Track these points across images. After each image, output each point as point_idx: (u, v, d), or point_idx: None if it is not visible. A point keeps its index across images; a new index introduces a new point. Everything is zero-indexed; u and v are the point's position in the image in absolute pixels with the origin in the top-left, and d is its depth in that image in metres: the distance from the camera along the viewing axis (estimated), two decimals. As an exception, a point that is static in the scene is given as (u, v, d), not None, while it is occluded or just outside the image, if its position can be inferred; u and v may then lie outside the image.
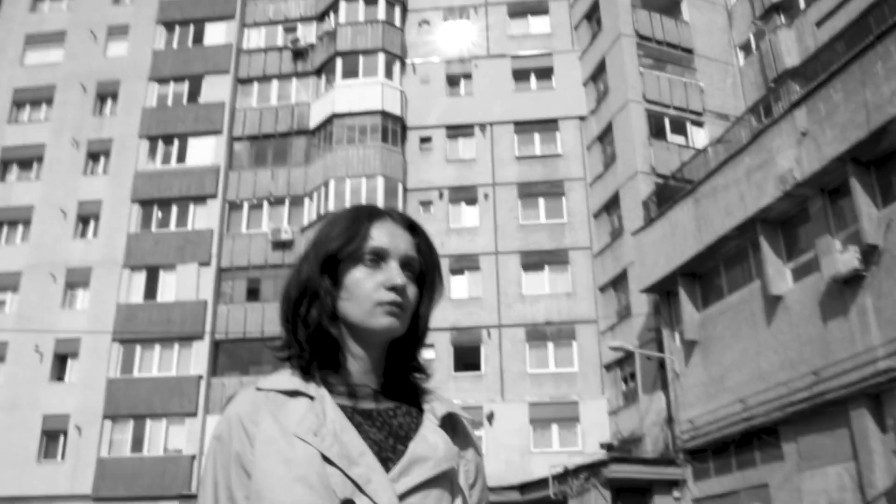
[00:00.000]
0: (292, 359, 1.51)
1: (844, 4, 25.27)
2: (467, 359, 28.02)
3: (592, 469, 20.74)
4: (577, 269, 28.28)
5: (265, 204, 31.33)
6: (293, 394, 1.44)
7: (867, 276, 15.85)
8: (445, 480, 1.43)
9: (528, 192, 29.71)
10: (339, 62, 31.63)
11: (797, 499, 17.31)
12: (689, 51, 29.17)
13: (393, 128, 30.69)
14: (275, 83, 33.35)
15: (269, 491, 1.33)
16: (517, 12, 32.94)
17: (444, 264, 28.95)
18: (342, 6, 32.71)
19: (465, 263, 29.04)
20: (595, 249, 28.36)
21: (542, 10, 32.77)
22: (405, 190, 30.01)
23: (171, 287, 30.39)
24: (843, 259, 15.98)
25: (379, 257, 1.48)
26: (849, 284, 16.26)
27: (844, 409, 16.18)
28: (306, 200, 30.75)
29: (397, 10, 32.90)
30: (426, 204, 30.07)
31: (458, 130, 31.22)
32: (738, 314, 19.57)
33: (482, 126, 30.97)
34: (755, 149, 18.73)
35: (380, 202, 28.98)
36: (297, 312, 1.49)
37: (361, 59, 31.54)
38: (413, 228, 1.57)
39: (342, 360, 1.49)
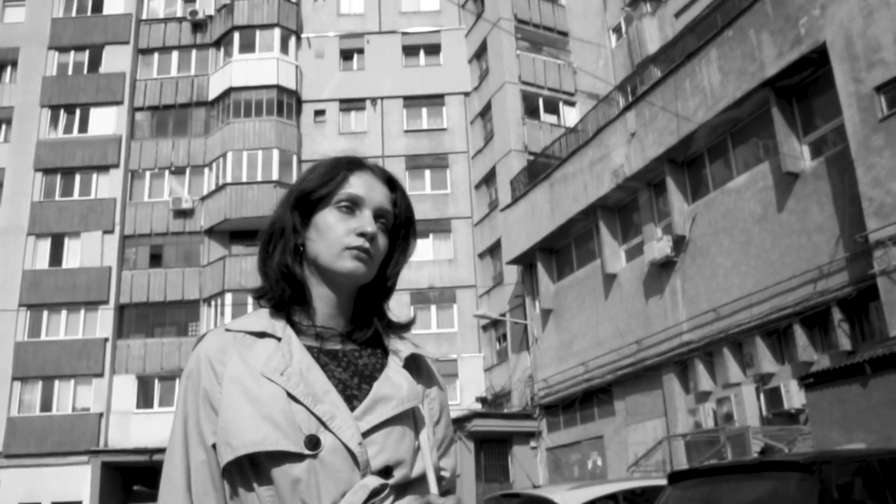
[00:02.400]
0: (264, 299, 1.54)
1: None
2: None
3: (459, 423, 23.37)
4: (458, 238, 30.67)
5: (166, 173, 32.68)
6: (261, 335, 1.47)
7: (677, 261, 18.56)
8: (408, 418, 1.48)
9: (415, 164, 31.81)
10: (236, 36, 32.88)
11: (623, 448, 20.23)
12: (565, 34, 31.39)
13: (288, 101, 32.27)
14: (175, 54, 34.35)
15: (236, 427, 1.36)
16: (408, -11, 34.63)
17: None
18: (240, -21, 33.81)
19: (356, 231, 31.08)
20: (475, 219, 30.76)
21: (432, -12, 34.52)
22: (300, 161, 31.73)
23: (76, 254, 31.68)
24: (659, 246, 18.62)
25: (354, 204, 1.51)
26: (664, 268, 18.96)
27: (659, 373, 19.01)
28: (206, 171, 32.22)
29: (293, -15, 34.20)
30: (320, 175, 31.87)
31: (350, 104, 33.00)
32: (583, 288, 22.22)
33: (373, 100, 32.81)
34: (596, 144, 21.18)
35: (275, 174, 30.77)
36: (266, 251, 1.54)
37: (258, 33, 32.83)
38: (392, 184, 1.60)
39: (310, 300, 1.51)
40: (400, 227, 1.59)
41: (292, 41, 33.37)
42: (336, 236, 1.48)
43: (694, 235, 18.18)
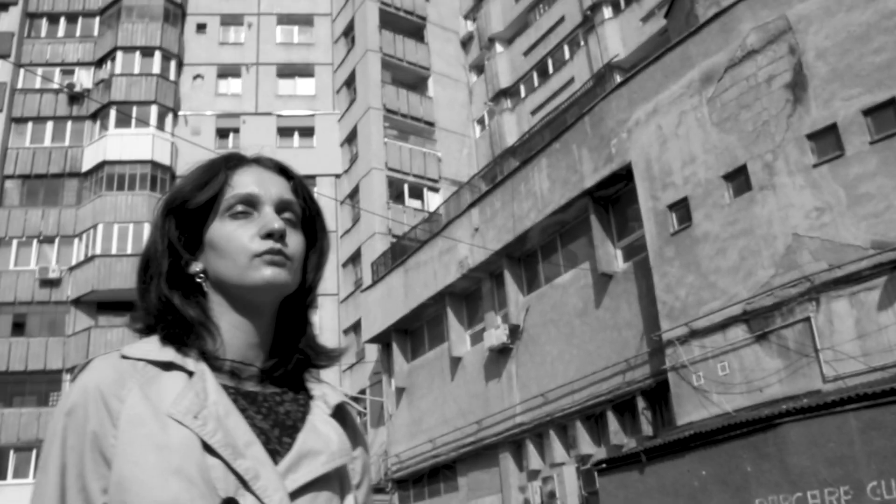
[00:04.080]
0: (158, 327, 1.24)
1: (551, 99, 30.18)
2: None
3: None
4: (324, 313, 31.74)
5: (34, 242, 32.72)
6: (167, 365, 1.18)
7: (513, 348, 20.18)
8: (335, 479, 1.24)
9: (286, 241, 32.80)
10: (112, 111, 33.52)
11: (464, 523, 21.48)
12: (431, 123, 33.36)
13: (162, 177, 32.99)
14: (49, 124, 34.70)
15: (136, 484, 1.08)
16: (286, 73, 36.10)
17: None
18: (119, 56, 34.60)
19: (225, 306, 31.79)
20: (341, 296, 31.94)
21: (308, 73, 36.08)
22: (172, 235, 32.27)
23: (-66, 321, 31.22)
24: (497, 333, 20.22)
25: (249, 206, 1.26)
26: (501, 353, 20.56)
27: (496, 452, 20.44)
28: (76, 241, 32.45)
29: (173, 64, 35.17)
30: (191, 249, 32.53)
31: (224, 181, 33.85)
32: (433, 368, 23.62)
33: (247, 178, 33.77)
34: (446, 235, 22.84)
35: (145, 247, 31.20)
36: (143, 280, 1.28)
37: (135, 109, 33.58)
38: (286, 172, 1.36)
39: (215, 331, 1.24)
40: (310, 219, 1.36)
41: (169, 118, 34.23)
42: (238, 246, 1.23)
43: (527, 325, 19.87)
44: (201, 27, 36.70)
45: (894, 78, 12.60)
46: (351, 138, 33.56)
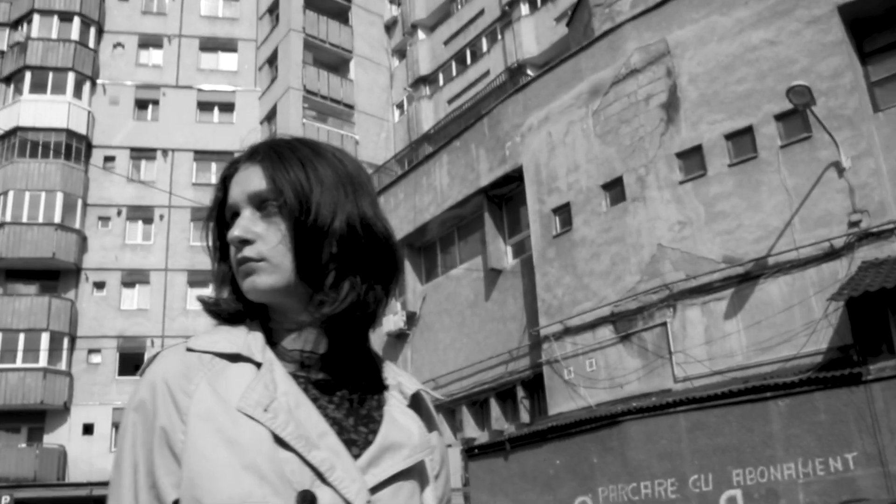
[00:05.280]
0: (223, 314, 1.24)
1: (468, 90, 31.02)
2: (133, 364, 31.06)
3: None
4: (237, 290, 32.14)
5: (-57, 207, 32.31)
6: (234, 357, 1.16)
7: (409, 334, 21.11)
8: (416, 472, 1.21)
9: (201, 216, 33.11)
10: (27, 75, 33.15)
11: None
12: (351, 106, 33.92)
13: (77, 146, 32.83)
14: (-38, 86, 34.13)
15: (206, 480, 1.06)
16: (208, 47, 36.11)
17: (117, 278, 31.78)
18: (36, 19, 34.11)
19: (136, 277, 32.04)
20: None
21: (231, 48, 36.17)
22: (85, 205, 32.32)
23: None
24: (395, 319, 21.10)
25: (237, 215, 1.23)
26: (399, 339, 21.46)
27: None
28: (-15, 207, 32.14)
29: (92, 31, 34.86)
30: (105, 219, 32.62)
31: (141, 153, 33.98)
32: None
33: (164, 151, 33.94)
34: (353, 221, 23.54)
35: (58, 216, 31.19)
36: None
37: (51, 75, 33.26)
38: (265, 153, 1.26)
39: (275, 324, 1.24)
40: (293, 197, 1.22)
41: (87, 86, 33.98)
42: (232, 258, 1.23)
43: (423, 312, 20.80)
44: (124, -6, 36.42)
45: (753, 107, 13.76)
46: (270, 117, 33.91)
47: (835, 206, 12.52)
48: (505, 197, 18.84)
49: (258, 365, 1.16)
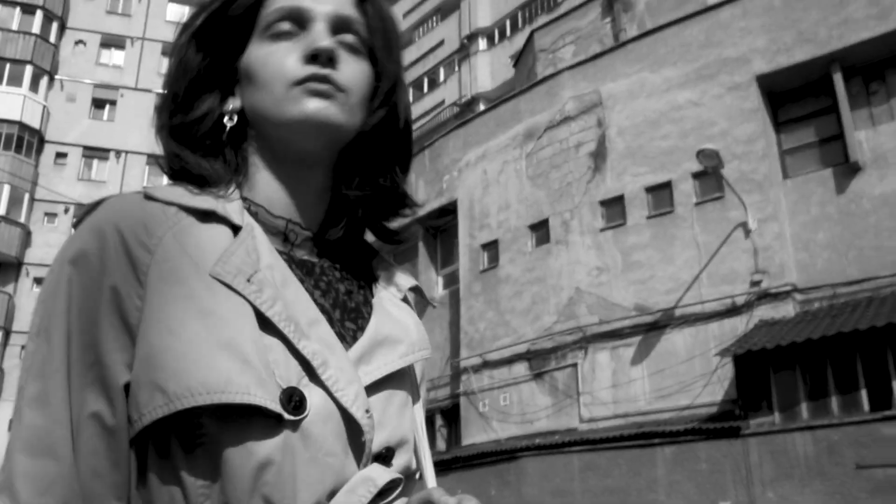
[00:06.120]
0: (187, 171, 0.95)
1: (423, 117, 31.43)
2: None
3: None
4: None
5: None
6: (206, 215, 0.88)
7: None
8: (408, 378, 1.00)
9: (149, 220, 33.11)
10: (-16, 65, 33.02)
11: None
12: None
13: (30, 139, 32.70)
14: (-83, 71, 33.87)
15: (172, 359, 0.79)
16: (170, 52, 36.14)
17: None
18: (-2, 10, 34.05)
19: (78, 276, 31.87)
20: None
21: (193, 55, 36.21)
22: (32, 200, 32.19)
23: None
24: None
25: (296, 23, 0.95)
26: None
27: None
28: (-70, 194, 31.88)
29: (55, 26, 34.81)
30: (51, 216, 32.50)
31: (94, 152, 33.93)
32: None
33: (118, 152, 33.96)
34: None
35: (3, 209, 31.04)
36: (157, 124, 1.03)
37: (8, 66, 33.13)
38: None
39: (254, 182, 0.96)
40: (385, 47, 1.01)
41: (44, 80, 33.91)
42: (274, 71, 0.93)
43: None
44: (91, -8, 36.46)
45: (674, 164, 14.40)
46: (226, 127, 34.02)
47: (740, 265, 13.16)
48: (440, 229, 19.30)
49: (236, 229, 0.89)
